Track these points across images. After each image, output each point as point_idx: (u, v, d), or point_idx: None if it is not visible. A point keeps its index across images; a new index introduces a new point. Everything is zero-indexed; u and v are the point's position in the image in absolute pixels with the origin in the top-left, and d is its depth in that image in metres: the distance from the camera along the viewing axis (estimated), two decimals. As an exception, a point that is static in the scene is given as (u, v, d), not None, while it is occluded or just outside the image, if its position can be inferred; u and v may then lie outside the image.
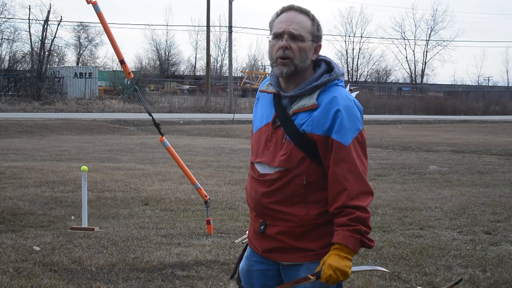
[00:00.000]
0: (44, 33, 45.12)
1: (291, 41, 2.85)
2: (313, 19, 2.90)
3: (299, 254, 2.87)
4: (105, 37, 65.00)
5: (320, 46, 2.92)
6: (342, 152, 2.78)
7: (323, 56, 2.97)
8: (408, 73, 78.49)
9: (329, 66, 2.92)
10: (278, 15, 2.92)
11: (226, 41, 69.66)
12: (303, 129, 2.82)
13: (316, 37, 2.90)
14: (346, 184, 2.77)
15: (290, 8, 2.90)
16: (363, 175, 2.80)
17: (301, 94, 2.87)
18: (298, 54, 2.84)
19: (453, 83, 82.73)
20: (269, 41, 2.93)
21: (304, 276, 2.83)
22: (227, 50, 55.24)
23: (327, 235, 2.83)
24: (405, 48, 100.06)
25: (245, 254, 3.06)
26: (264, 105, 2.99)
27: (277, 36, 2.88)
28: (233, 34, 46.80)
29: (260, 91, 3.03)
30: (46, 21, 45.26)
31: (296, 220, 2.85)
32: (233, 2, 45.57)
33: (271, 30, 2.93)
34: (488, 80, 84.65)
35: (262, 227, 2.93)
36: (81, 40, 66.56)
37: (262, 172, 2.91)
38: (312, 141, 2.82)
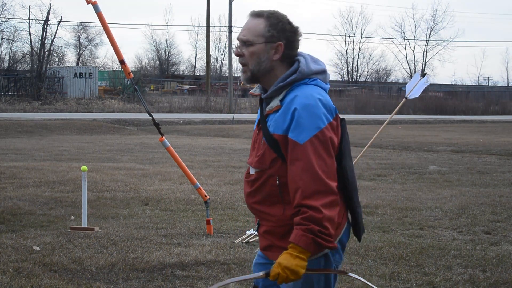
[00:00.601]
0: (44, 33, 45.19)
1: (243, 47, 2.87)
2: (268, 19, 2.85)
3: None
4: (105, 37, 65.00)
5: (281, 45, 2.85)
6: (297, 151, 2.76)
7: (301, 54, 2.92)
8: (408, 73, 78.49)
9: (298, 65, 2.88)
10: None
11: (226, 41, 69.78)
12: (270, 130, 2.85)
13: (270, 37, 2.84)
14: (299, 182, 2.74)
15: (249, 15, 2.92)
16: (320, 173, 2.73)
17: (271, 96, 2.89)
18: (250, 59, 2.86)
19: (453, 83, 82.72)
20: None
21: (257, 272, 2.88)
22: (227, 50, 55.39)
23: None
24: (405, 48, 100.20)
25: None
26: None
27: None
28: (233, 34, 46.79)
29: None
30: (46, 21, 45.29)
31: (274, 220, 2.89)
32: (233, 2, 45.60)
33: None
34: (488, 80, 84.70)
35: (257, 226, 3.02)
36: (81, 40, 66.63)
37: (250, 173, 2.98)
38: (277, 142, 2.84)
